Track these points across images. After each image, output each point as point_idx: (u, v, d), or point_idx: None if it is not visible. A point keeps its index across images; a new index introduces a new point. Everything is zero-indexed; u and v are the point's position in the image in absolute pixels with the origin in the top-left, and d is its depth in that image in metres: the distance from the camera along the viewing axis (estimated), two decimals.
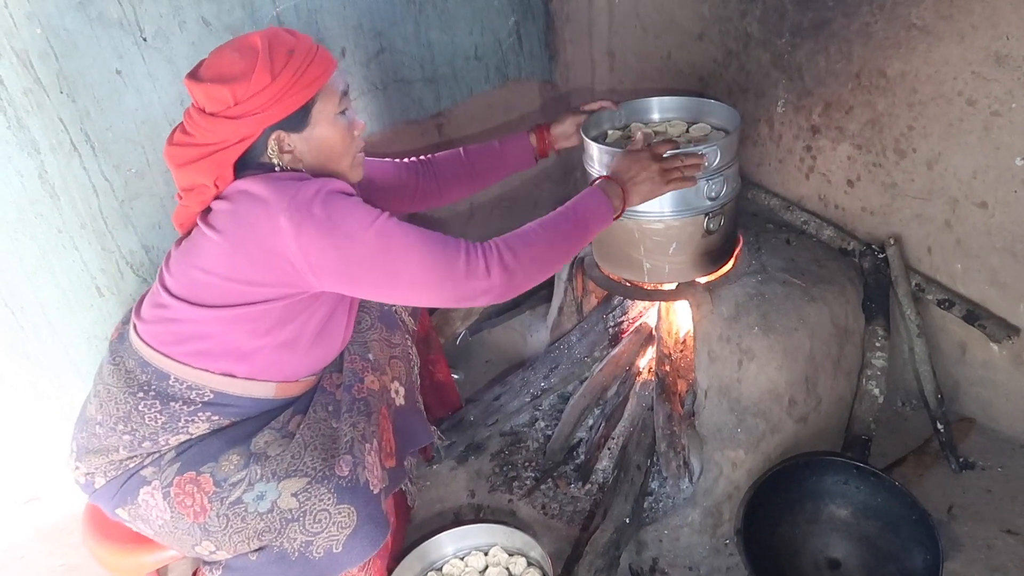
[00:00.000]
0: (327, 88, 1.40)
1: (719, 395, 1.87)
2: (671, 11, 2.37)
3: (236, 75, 1.32)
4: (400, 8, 2.26)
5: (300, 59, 1.35)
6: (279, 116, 1.36)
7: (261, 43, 1.34)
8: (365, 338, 1.68)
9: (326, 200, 1.31)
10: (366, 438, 1.48)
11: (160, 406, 1.42)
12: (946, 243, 1.94)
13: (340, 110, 1.44)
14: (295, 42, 1.38)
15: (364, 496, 1.39)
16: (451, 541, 1.84)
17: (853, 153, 2.04)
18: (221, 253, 1.36)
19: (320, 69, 1.38)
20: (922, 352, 2.00)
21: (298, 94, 1.36)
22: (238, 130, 1.34)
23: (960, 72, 1.75)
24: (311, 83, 1.37)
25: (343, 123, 1.45)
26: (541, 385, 2.17)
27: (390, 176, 1.85)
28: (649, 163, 1.60)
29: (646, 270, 1.90)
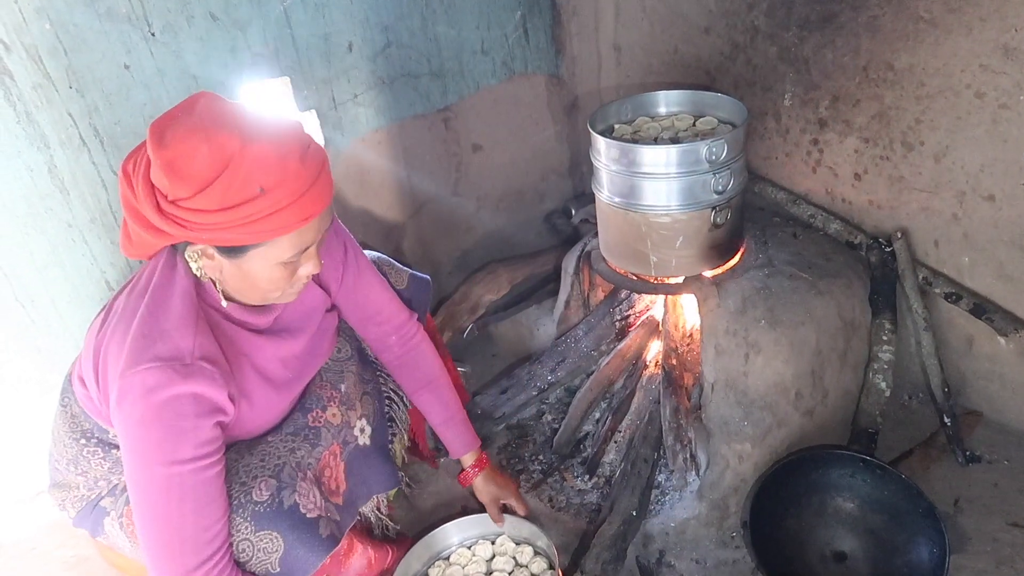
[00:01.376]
0: (286, 239, 1.19)
1: (726, 388, 1.87)
2: (678, 4, 2.36)
3: (188, 175, 1.10)
4: (407, 3, 2.27)
5: (270, 200, 1.12)
6: (209, 241, 1.17)
7: (237, 157, 1.09)
8: (341, 368, 1.61)
9: (149, 408, 1.15)
10: (301, 466, 1.40)
11: (103, 453, 1.42)
12: (953, 236, 1.94)
13: (287, 260, 1.22)
14: (279, 175, 1.12)
15: (290, 519, 1.32)
16: (458, 531, 1.85)
17: (860, 146, 2.04)
18: (103, 341, 1.27)
19: (291, 217, 1.15)
20: (929, 345, 1.99)
21: (241, 235, 1.15)
22: (161, 221, 1.15)
23: (968, 65, 1.75)
24: (267, 231, 1.15)
25: (283, 272, 1.24)
26: (548, 379, 2.17)
27: (384, 304, 1.67)
28: None
29: (653, 264, 1.91)
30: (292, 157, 1.14)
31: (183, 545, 1.18)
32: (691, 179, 1.77)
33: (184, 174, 1.10)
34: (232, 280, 1.25)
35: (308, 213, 1.17)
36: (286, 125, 1.18)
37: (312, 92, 2.18)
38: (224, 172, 1.09)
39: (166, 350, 1.17)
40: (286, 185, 1.13)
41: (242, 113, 1.16)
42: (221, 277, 1.25)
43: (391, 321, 1.67)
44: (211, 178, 1.09)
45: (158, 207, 1.14)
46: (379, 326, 1.67)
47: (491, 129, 2.63)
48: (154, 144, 1.11)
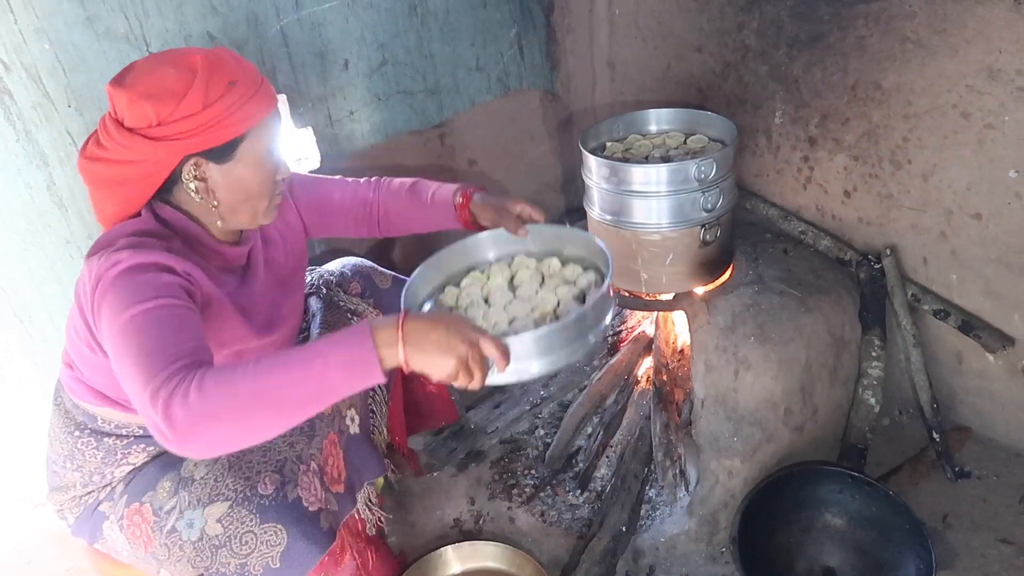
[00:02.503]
0: (263, 124, 1.31)
1: (716, 404, 1.89)
2: (671, 23, 2.39)
3: (166, 93, 1.22)
4: (403, 20, 2.30)
5: (240, 92, 1.26)
6: (202, 146, 1.26)
7: (201, 64, 1.24)
8: None
9: (115, 278, 1.18)
10: (302, 459, 1.42)
11: (95, 443, 1.44)
12: (941, 254, 1.96)
13: (272, 149, 1.35)
14: (239, 72, 1.28)
15: (295, 512, 1.34)
16: (492, 244, 1.65)
17: (849, 164, 2.06)
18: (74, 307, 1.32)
19: (259, 106, 1.29)
20: (918, 362, 2.01)
21: (230, 128, 1.26)
22: (155, 152, 1.23)
23: (954, 85, 1.77)
24: (246, 118, 1.27)
25: (269, 165, 1.35)
26: (541, 393, 2.19)
27: (347, 197, 1.75)
28: (459, 343, 1.14)
29: (643, 280, 1.93)
30: (240, 59, 1.32)
31: (152, 360, 1.09)
32: (680, 197, 1.80)
33: (162, 95, 1.22)
34: (227, 195, 1.33)
35: (271, 97, 1.33)
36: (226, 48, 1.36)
37: (308, 109, 2.20)
38: (196, 79, 1.23)
39: (125, 241, 1.25)
40: (248, 77, 1.29)
41: (167, 51, 1.33)
42: (216, 197, 1.33)
43: (355, 200, 1.74)
44: (186, 87, 1.22)
45: (147, 137, 1.23)
46: (347, 213, 1.74)
47: (486, 145, 2.66)
48: (119, 91, 1.23)
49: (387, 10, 2.25)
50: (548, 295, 1.47)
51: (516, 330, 1.39)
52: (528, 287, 1.51)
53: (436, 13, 2.36)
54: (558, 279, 1.52)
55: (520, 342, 1.23)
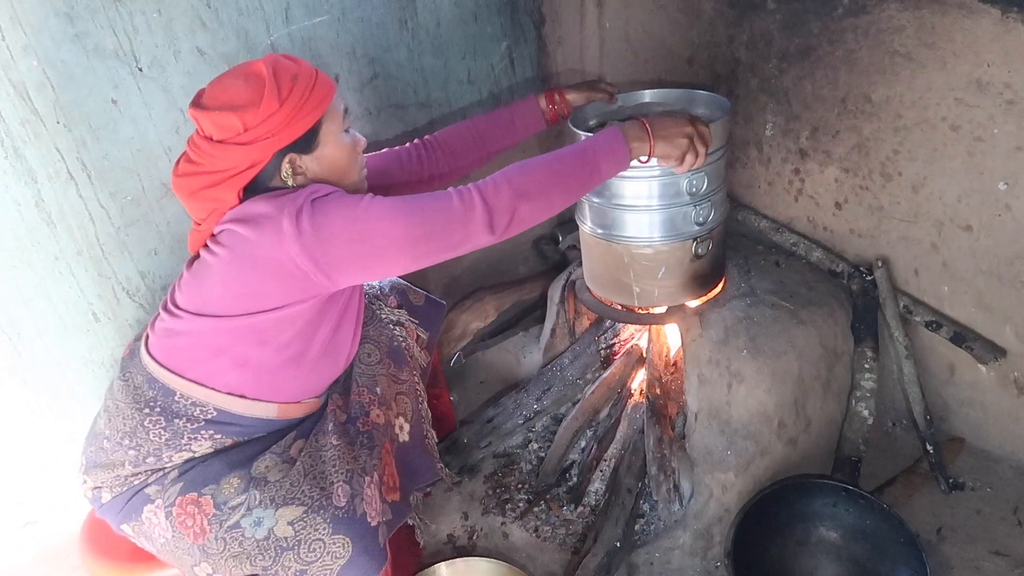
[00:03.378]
0: (331, 110, 1.44)
1: (709, 418, 1.88)
2: (661, 36, 2.40)
3: (244, 103, 1.35)
4: (393, 34, 2.30)
5: (304, 84, 1.39)
6: (289, 139, 1.39)
7: (266, 70, 1.37)
8: (374, 372, 1.69)
9: (317, 201, 1.34)
10: (366, 471, 1.49)
11: (164, 422, 1.44)
12: (933, 265, 1.96)
13: (344, 128, 1.49)
14: (297, 68, 1.41)
15: (361, 527, 1.40)
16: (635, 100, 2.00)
17: (840, 176, 2.07)
18: (230, 267, 1.39)
19: (323, 92, 1.42)
20: (911, 373, 2.01)
21: (306, 117, 1.39)
22: (249, 155, 1.37)
23: (943, 98, 1.78)
24: (316, 106, 1.40)
25: (348, 141, 1.49)
26: (534, 407, 2.18)
27: (392, 167, 1.86)
28: (685, 124, 1.54)
29: (636, 294, 1.92)
30: (292, 57, 1.44)
31: (434, 198, 1.36)
32: (672, 211, 1.79)
33: (242, 104, 1.35)
34: (323, 174, 1.46)
35: (329, 83, 1.45)
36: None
37: None
38: (266, 84, 1.35)
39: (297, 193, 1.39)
40: (304, 69, 1.41)
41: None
42: (316, 180, 1.45)
43: (403, 164, 1.87)
44: (260, 92, 1.35)
45: (239, 144, 1.36)
46: (407, 182, 1.87)
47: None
48: (201, 112, 1.37)
49: (378, 24, 2.25)
50: None
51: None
52: None
53: (427, 27, 2.36)
54: None
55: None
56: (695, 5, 2.24)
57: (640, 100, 2.04)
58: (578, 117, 1.95)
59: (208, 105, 1.37)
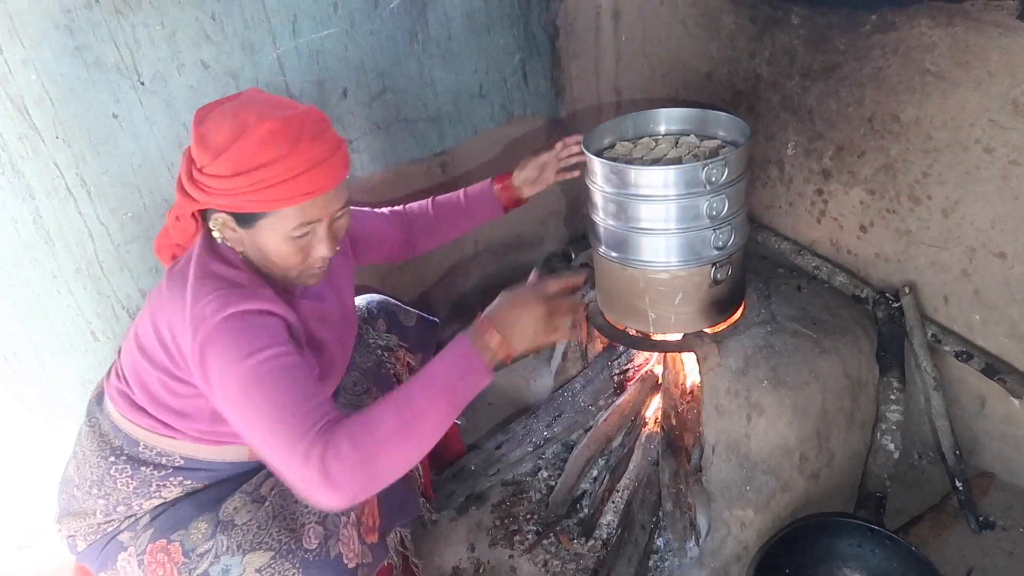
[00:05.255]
0: (297, 210, 1.24)
1: (727, 451, 1.80)
2: (679, 50, 2.32)
3: (210, 145, 1.22)
4: (403, 47, 2.24)
5: (280, 170, 1.19)
6: (225, 207, 1.24)
7: (253, 128, 1.19)
8: (359, 403, 1.61)
9: (220, 324, 1.19)
10: (344, 511, 1.41)
11: (131, 471, 1.38)
12: (963, 293, 1.88)
13: (299, 233, 1.26)
14: (290, 146, 1.20)
15: (335, 570, 1.33)
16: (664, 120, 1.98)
17: (866, 198, 1.98)
18: (161, 315, 1.30)
19: (297, 190, 1.21)
20: (939, 406, 1.92)
21: (249, 203, 1.22)
22: (193, 191, 1.25)
23: (977, 119, 1.69)
24: (274, 200, 1.21)
25: (296, 245, 1.28)
26: (544, 434, 2.10)
27: (374, 229, 1.78)
28: (535, 305, 1.27)
29: (651, 320, 1.85)
30: (304, 134, 1.22)
31: (292, 419, 1.14)
32: (691, 235, 1.72)
33: (209, 144, 1.21)
34: (251, 252, 1.31)
35: (312, 188, 1.22)
36: (306, 110, 1.27)
37: None
38: (237, 140, 1.19)
39: (224, 283, 1.25)
40: (292, 158, 1.20)
41: (272, 99, 1.29)
42: (244, 248, 1.32)
43: (384, 228, 1.78)
44: (225, 147, 1.19)
45: (190, 174, 1.25)
46: (381, 242, 1.78)
47: (488, 173, 2.56)
48: (195, 123, 1.25)
49: (387, 37, 2.19)
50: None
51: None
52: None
53: (438, 39, 2.30)
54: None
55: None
56: (715, 19, 2.16)
57: (654, 122, 1.98)
58: (592, 138, 1.88)
59: (202, 121, 1.26)
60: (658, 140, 1.94)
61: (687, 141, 1.89)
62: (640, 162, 1.82)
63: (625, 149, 1.91)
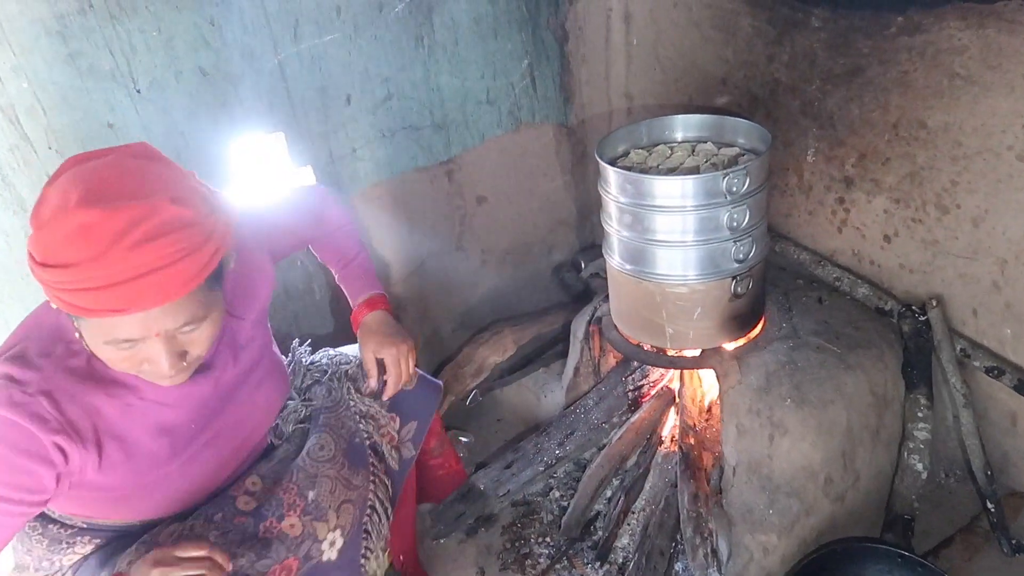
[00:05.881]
0: (105, 322, 1.01)
1: (749, 472, 1.73)
2: (693, 54, 2.25)
3: (35, 212, 0.99)
4: (408, 53, 2.17)
5: (80, 275, 0.95)
6: (44, 287, 1.01)
7: (70, 212, 0.95)
8: (317, 470, 1.39)
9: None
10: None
11: (41, 529, 1.31)
12: (994, 306, 1.80)
13: (113, 344, 1.04)
14: (100, 249, 0.94)
15: None
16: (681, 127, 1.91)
17: (890, 207, 1.91)
18: None
19: (96, 304, 0.97)
20: (969, 424, 1.84)
21: (57, 298, 1.00)
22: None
23: (1010, 125, 1.62)
24: (73, 306, 0.99)
25: (117, 354, 1.06)
26: (556, 453, 2.03)
27: (295, 239, 1.60)
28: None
29: (668, 336, 1.77)
30: (126, 238, 0.95)
31: None
32: (710, 247, 1.65)
33: (36, 212, 0.99)
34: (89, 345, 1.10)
35: (124, 306, 0.98)
36: (150, 206, 0.97)
37: (308, 147, 2.07)
38: (49, 224, 0.96)
39: (15, 368, 1.08)
40: (100, 265, 0.95)
41: (129, 173, 1.00)
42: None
43: (301, 242, 1.63)
44: (41, 225, 0.97)
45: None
46: (292, 248, 1.63)
47: (497, 181, 2.52)
48: (53, 174, 1.02)
49: (392, 42, 2.12)
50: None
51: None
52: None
53: (444, 44, 2.23)
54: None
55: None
56: (731, 22, 2.09)
57: (670, 129, 1.92)
58: (605, 145, 1.81)
59: (52, 179, 1.02)
60: (674, 148, 1.87)
61: (704, 149, 1.82)
62: (656, 171, 1.75)
63: (640, 157, 1.84)
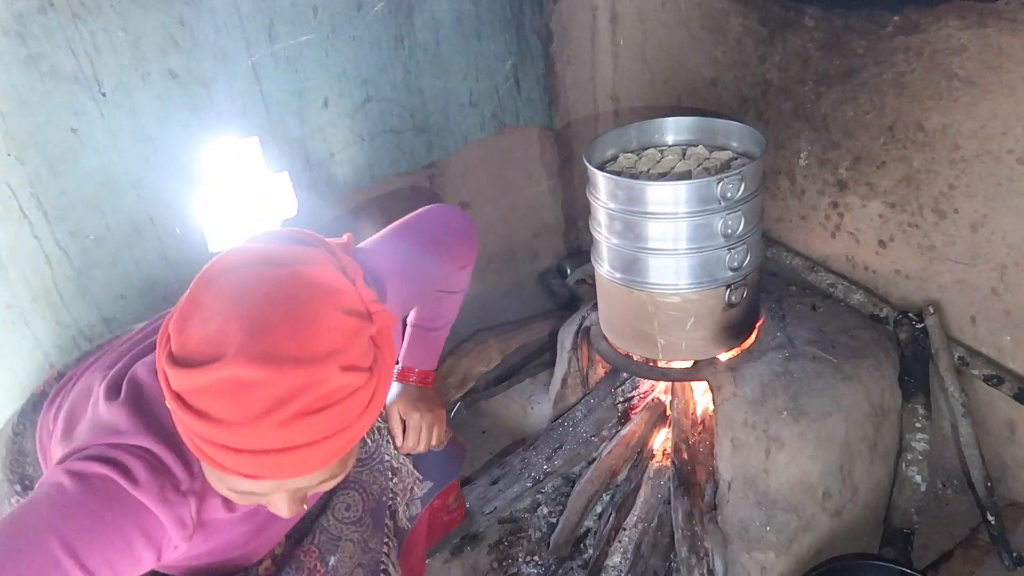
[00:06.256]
0: (230, 478, 0.89)
1: (744, 487, 1.67)
2: (681, 55, 2.19)
3: (179, 337, 0.84)
4: (388, 54, 2.09)
5: (221, 433, 0.81)
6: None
7: (226, 361, 0.78)
8: (341, 533, 1.32)
9: (63, 475, 0.91)
10: None
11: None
12: (993, 313, 1.75)
13: (242, 494, 0.93)
14: (247, 417, 0.80)
15: None
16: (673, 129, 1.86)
17: (885, 211, 1.86)
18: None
19: (226, 462, 0.84)
20: (968, 434, 1.79)
21: (189, 443, 0.88)
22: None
23: (1011, 127, 1.57)
24: (204, 456, 0.86)
25: (237, 496, 0.94)
26: (544, 468, 1.96)
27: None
28: None
29: (660, 346, 1.71)
30: (285, 408, 0.80)
31: None
32: (704, 255, 1.59)
33: (181, 339, 0.84)
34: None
35: (259, 474, 0.85)
36: (329, 368, 0.82)
37: (284, 151, 1.99)
38: (199, 366, 0.80)
39: (170, 455, 0.96)
40: (249, 432, 0.81)
41: (295, 315, 0.83)
42: None
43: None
44: (187, 362, 0.82)
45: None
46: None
47: (480, 185, 2.45)
48: (195, 283, 0.88)
49: (371, 43, 2.04)
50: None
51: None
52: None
53: (425, 45, 2.16)
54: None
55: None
56: (721, 22, 2.03)
57: (660, 132, 1.87)
58: (593, 149, 1.75)
59: (197, 291, 0.89)
60: (664, 152, 1.81)
61: (695, 152, 1.76)
62: (647, 176, 1.68)
63: (629, 161, 1.78)
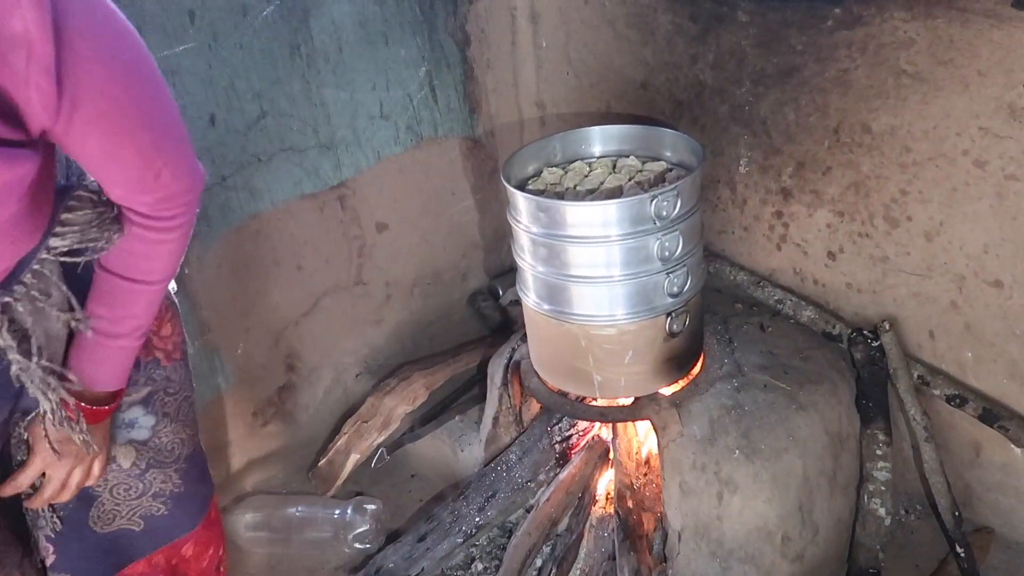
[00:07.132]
0: None
1: (696, 537, 1.49)
2: (608, 56, 2.02)
3: None
4: (283, 64, 1.87)
5: None
6: None
7: None
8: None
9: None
10: None
11: None
12: (952, 327, 1.62)
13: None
14: None
15: None
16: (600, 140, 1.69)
17: (833, 221, 1.72)
18: None
19: None
20: (932, 460, 1.66)
21: None
22: None
23: (965, 127, 1.44)
24: None
25: None
26: (476, 520, 1.75)
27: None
28: None
29: (597, 384, 1.53)
30: None
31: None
32: (640, 281, 1.41)
33: None
34: None
35: None
36: None
37: None
38: None
39: None
40: None
41: None
42: None
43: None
44: None
45: None
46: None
47: (398, 204, 2.24)
48: None
49: (262, 51, 1.82)
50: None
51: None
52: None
53: (326, 53, 1.94)
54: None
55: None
56: (649, 19, 1.87)
57: (587, 142, 1.69)
58: (512, 165, 1.56)
59: None
60: (592, 164, 1.63)
61: (627, 164, 1.59)
62: (573, 194, 1.50)
63: (554, 177, 1.59)
